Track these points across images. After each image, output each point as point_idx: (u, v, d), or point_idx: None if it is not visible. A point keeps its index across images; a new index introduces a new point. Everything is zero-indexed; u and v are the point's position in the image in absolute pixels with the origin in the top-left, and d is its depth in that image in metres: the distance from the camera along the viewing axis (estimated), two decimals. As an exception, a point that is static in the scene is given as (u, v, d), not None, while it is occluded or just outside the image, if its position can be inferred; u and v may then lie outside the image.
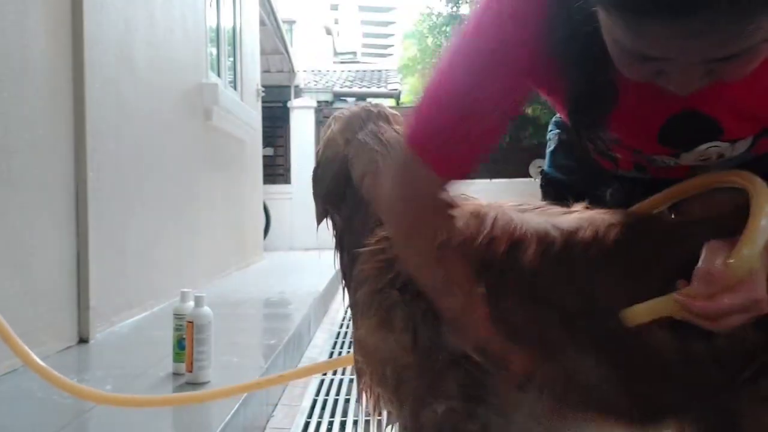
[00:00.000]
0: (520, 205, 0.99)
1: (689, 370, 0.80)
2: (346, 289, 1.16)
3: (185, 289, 2.15)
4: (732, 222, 0.80)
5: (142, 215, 3.27)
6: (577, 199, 1.00)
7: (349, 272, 1.14)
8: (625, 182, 1.07)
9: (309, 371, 2.07)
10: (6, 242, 2.15)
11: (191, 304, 2.02)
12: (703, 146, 0.90)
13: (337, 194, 1.17)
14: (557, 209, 0.97)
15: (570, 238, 0.90)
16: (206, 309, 1.99)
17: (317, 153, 1.24)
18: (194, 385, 1.97)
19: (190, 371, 1.98)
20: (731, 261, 0.75)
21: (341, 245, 1.18)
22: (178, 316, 2.05)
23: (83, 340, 2.59)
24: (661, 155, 0.96)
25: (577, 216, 0.94)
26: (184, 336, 2.01)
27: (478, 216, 0.96)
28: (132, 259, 3.11)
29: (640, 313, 0.81)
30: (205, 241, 4.47)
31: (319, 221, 1.21)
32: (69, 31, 2.57)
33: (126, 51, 3.10)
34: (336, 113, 1.23)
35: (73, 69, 2.59)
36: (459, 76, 0.86)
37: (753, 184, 0.83)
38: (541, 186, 1.22)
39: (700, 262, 0.78)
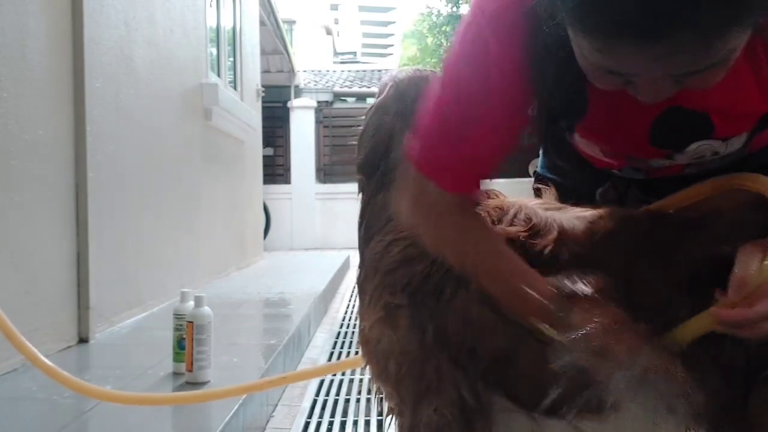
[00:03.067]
0: (542, 204, 0.98)
1: (716, 369, 0.80)
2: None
3: (185, 289, 2.15)
4: (743, 216, 0.80)
5: (142, 215, 3.27)
6: (571, 199, 1.00)
7: (362, 250, 1.12)
8: (619, 181, 1.07)
9: (314, 373, 2.07)
10: (6, 242, 2.15)
11: (191, 304, 2.03)
12: (695, 144, 0.90)
13: (372, 165, 1.12)
14: (576, 208, 0.97)
15: (593, 228, 0.89)
16: (206, 309, 1.99)
17: (366, 114, 1.17)
18: (194, 384, 1.97)
19: (190, 371, 1.98)
20: (766, 263, 0.74)
21: (362, 218, 1.14)
22: (178, 316, 2.05)
23: (83, 340, 2.60)
24: (655, 158, 0.96)
25: (596, 212, 0.94)
26: (184, 336, 2.01)
27: (501, 208, 0.96)
28: (132, 259, 3.11)
29: (683, 335, 0.80)
30: (205, 241, 4.47)
31: (359, 188, 1.17)
32: (69, 31, 2.58)
33: (126, 51, 3.10)
34: (394, 75, 1.17)
35: (73, 69, 2.59)
36: (454, 97, 0.88)
37: None
38: (534, 187, 1.22)
39: (735, 269, 0.77)
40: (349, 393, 2.44)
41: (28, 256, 2.27)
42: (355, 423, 2.13)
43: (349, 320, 3.91)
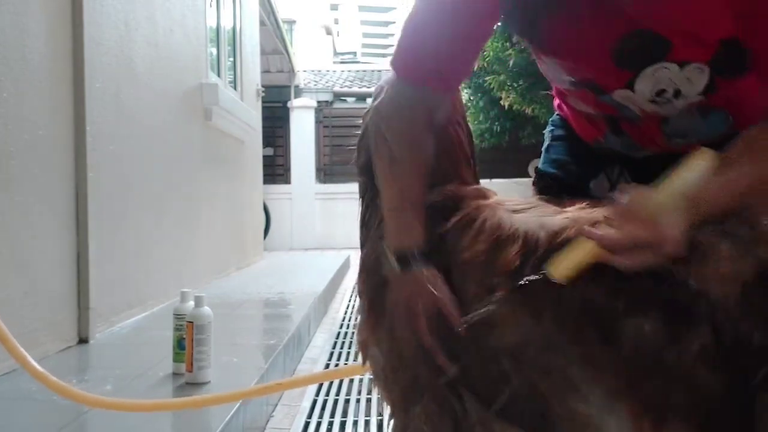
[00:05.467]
0: (517, 204, 0.98)
1: (694, 374, 0.76)
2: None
3: (185, 289, 2.15)
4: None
5: (142, 215, 3.27)
6: (569, 192, 1.00)
7: (362, 249, 1.12)
8: (610, 171, 1.08)
9: (310, 380, 2.05)
10: (6, 242, 2.15)
11: (191, 304, 2.03)
12: (652, 67, 0.91)
13: (372, 168, 1.10)
14: (551, 208, 0.95)
15: (555, 239, 0.87)
16: (206, 309, 1.99)
17: (363, 117, 1.17)
18: (194, 385, 1.97)
19: (190, 371, 1.98)
20: (643, 198, 0.78)
21: (362, 220, 1.13)
22: (178, 316, 2.05)
23: (83, 340, 2.60)
24: (617, 87, 0.96)
25: (566, 216, 0.91)
26: (184, 336, 2.01)
27: (468, 220, 0.95)
28: (132, 259, 3.11)
29: (563, 264, 0.80)
30: (205, 241, 4.47)
31: (360, 193, 1.16)
32: (69, 31, 2.57)
33: (126, 51, 3.10)
34: (390, 76, 1.16)
35: (72, 69, 2.59)
36: (429, 8, 0.96)
37: (702, 151, 0.84)
38: (534, 183, 1.22)
39: (620, 200, 0.80)
40: (349, 393, 2.43)
41: (28, 256, 2.27)
42: (355, 423, 2.13)
43: (349, 320, 3.91)
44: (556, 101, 1.25)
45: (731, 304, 0.72)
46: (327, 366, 2.90)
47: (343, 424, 2.12)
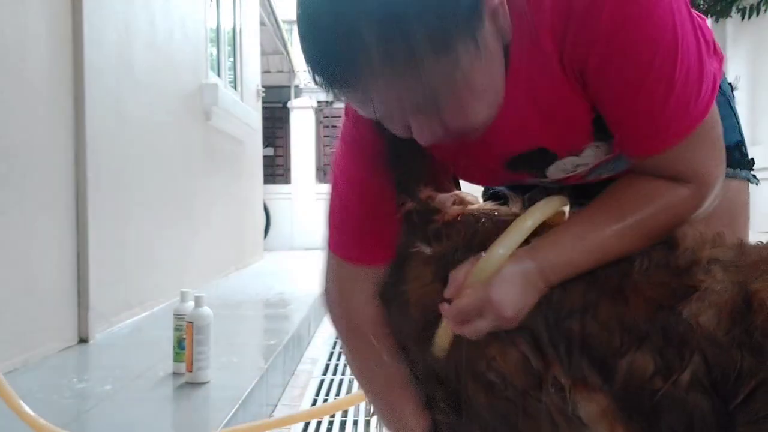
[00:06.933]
0: (494, 209, 0.98)
1: (682, 402, 0.76)
2: None
3: (185, 289, 2.15)
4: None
5: (142, 215, 3.27)
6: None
7: None
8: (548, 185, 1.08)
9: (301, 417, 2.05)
10: (6, 242, 2.15)
11: (191, 304, 2.03)
12: (552, 167, 0.90)
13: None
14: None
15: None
16: (206, 309, 2.00)
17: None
18: (194, 384, 1.97)
19: (190, 371, 1.99)
20: (471, 266, 0.78)
21: None
22: (178, 316, 2.05)
23: (83, 340, 2.60)
24: (530, 179, 0.96)
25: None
26: (184, 336, 2.01)
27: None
28: (132, 260, 3.12)
29: (438, 342, 0.84)
30: (205, 241, 4.47)
31: None
32: (69, 32, 2.57)
33: (126, 52, 3.10)
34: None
35: (73, 71, 2.59)
36: (338, 192, 0.95)
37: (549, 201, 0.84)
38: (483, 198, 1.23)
39: (452, 272, 0.80)
40: (349, 392, 2.43)
41: (28, 256, 2.27)
42: (355, 423, 2.13)
43: (349, 320, 3.90)
44: None
45: (721, 334, 0.73)
46: (326, 366, 2.90)
47: (343, 424, 2.12)
